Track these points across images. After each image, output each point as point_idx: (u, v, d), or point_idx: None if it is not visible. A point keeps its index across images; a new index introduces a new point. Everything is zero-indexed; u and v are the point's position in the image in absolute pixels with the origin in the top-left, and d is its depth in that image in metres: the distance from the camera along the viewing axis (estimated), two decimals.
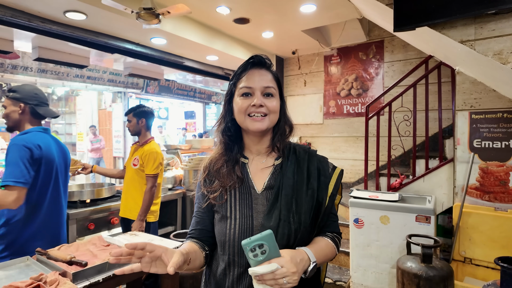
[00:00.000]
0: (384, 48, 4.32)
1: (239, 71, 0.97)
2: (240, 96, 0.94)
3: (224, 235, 0.92)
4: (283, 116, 1.00)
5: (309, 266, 0.84)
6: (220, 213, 0.95)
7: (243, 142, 1.02)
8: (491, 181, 2.66)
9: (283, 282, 0.76)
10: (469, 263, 2.68)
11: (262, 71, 0.96)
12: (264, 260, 0.77)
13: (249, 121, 0.93)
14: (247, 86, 0.93)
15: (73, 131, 10.06)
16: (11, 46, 3.22)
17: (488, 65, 2.03)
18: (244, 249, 0.76)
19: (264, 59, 0.97)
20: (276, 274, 0.75)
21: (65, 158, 1.92)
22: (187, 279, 2.24)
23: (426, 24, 1.96)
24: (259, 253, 0.76)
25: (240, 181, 0.96)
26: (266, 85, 0.94)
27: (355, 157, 4.56)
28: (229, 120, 0.99)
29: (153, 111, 2.76)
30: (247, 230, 0.90)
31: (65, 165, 1.92)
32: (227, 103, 1.00)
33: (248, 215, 0.92)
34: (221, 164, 0.99)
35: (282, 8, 3.26)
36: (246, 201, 0.94)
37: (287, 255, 0.79)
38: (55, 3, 2.55)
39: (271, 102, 0.94)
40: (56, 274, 1.34)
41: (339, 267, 3.28)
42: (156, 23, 2.64)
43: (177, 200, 3.48)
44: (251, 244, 0.76)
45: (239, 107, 0.94)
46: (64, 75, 6.00)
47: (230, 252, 0.91)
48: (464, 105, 2.78)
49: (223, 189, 0.96)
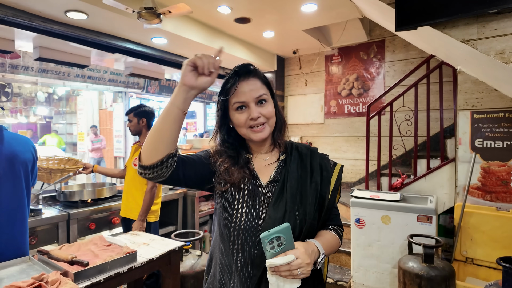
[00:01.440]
0: (385, 48, 4.31)
1: (228, 86, 0.95)
2: (235, 110, 0.95)
3: (230, 224, 0.94)
4: (278, 113, 1.02)
5: (319, 257, 0.88)
6: (226, 199, 0.97)
7: (245, 143, 1.05)
8: (492, 181, 2.65)
9: (297, 273, 0.79)
10: (470, 263, 2.68)
11: (250, 80, 0.95)
12: (280, 252, 0.80)
13: (251, 133, 0.96)
14: (240, 101, 0.94)
15: (73, 131, 10.07)
16: (12, 46, 3.22)
17: (490, 65, 2.02)
18: (262, 242, 0.79)
19: (249, 67, 0.97)
20: (292, 266, 0.79)
21: (10, 157, 1.50)
22: (188, 279, 2.24)
23: (428, 24, 1.95)
24: (276, 245, 0.79)
25: (248, 175, 0.99)
26: (258, 95, 0.94)
27: (356, 157, 4.56)
28: (226, 132, 1.01)
29: (154, 111, 2.76)
30: (253, 220, 0.93)
31: (9, 164, 1.50)
32: (222, 116, 0.99)
33: (254, 205, 0.94)
34: (228, 164, 1.00)
35: (283, 8, 3.26)
36: (252, 192, 0.97)
37: (301, 247, 0.83)
38: (56, 2, 2.55)
39: (266, 108, 0.95)
40: (57, 274, 1.34)
41: (340, 267, 3.28)
42: (157, 23, 2.63)
43: (178, 200, 3.48)
44: (270, 236, 0.79)
45: (239, 122, 0.96)
46: (65, 75, 5.99)
47: (235, 241, 0.93)
48: (465, 104, 2.77)
49: (232, 183, 0.98)
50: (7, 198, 1.49)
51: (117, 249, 1.68)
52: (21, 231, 1.55)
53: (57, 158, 2.85)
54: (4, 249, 1.49)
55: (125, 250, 1.60)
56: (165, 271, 1.82)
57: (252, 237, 0.91)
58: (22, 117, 8.86)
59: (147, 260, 1.66)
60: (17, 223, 1.53)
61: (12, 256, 1.50)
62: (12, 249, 1.51)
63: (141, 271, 1.64)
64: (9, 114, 8.48)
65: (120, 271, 1.51)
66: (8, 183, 1.49)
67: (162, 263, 1.77)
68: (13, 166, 1.51)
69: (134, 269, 1.59)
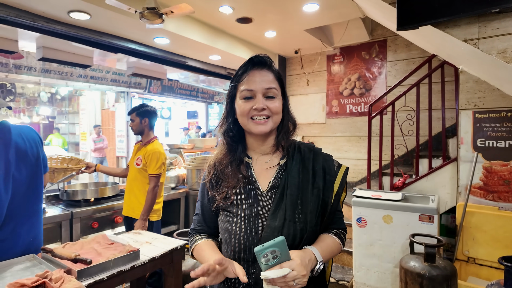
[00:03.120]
0: (387, 47, 4.31)
1: (239, 72, 0.95)
2: (242, 99, 0.93)
3: (230, 233, 0.92)
4: (287, 115, 0.99)
5: (316, 265, 0.85)
6: (225, 210, 0.96)
7: (246, 142, 1.02)
8: (495, 181, 2.65)
9: (293, 284, 0.77)
10: (472, 262, 2.67)
11: (263, 71, 0.94)
12: (275, 264, 0.78)
13: (252, 124, 0.92)
14: (248, 89, 0.92)
15: (76, 131, 10.12)
16: (15, 46, 3.25)
17: (492, 64, 2.02)
18: (257, 256, 0.78)
19: (265, 58, 0.95)
20: (287, 278, 0.76)
21: (21, 153, 1.55)
22: (190, 278, 2.25)
23: (430, 23, 1.95)
24: (271, 258, 0.77)
25: (246, 181, 0.96)
26: (268, 86, 0.92)
27: (358, 157, 4.55)
28: (231, 121, 0.99)
29: (156, 111, 2.77)
30: (253, 229, 0.90)
31: (18, 160, 1.53)
32: (229, 104, 0.99)
33: (253, 214, 0.92)
34: (225, 164, 0.99)
35: (285, 8, 3.26)
36: (252, 200, 0.94)
37: (297, 258, 0.80)
38: (60, 3, 2.57)
39: (274, 103, 0.92)
40: (61, 271, 1.35)
41: (342, 266, 3.28)
42: (159, 23, 2.64)
43: (180, 199, 3.49)
44: (264, 251, 0.77)
45: (242, 110, 0.93)
46: (68, 75, 6.03)
47: (236, 249, 0.91)
48: (467, 104, 2.77)
49: (229, 189, 0.96)
50: (38, 192, 1.62)
51: (119, 247, 1.69)
52: (40, 221, 1.69)
53: (60, 157, 2.86)
54: (34, 237, 1.61)
55: (128, 249, 1.62)
56: (167, 269, 1.84)
57: (253, 250, 0.90)
58: (25, 117, 8.92)
59: (150, 259, 1.67)
60: (40, 213, 1.68)
61: (36, 245, 1.62)
62: (39, 240, 1.65)
63: (143, 269, 1.65)
64: (12, 114, 8.53)
65: (122, 269, 1.52)
66: (35, 175, 1.61)
67: (164, 261, 1.78)
68: (36, 160, 1.63)
69: (137, 268, 1.60)
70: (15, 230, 1.51)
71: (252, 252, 0.88)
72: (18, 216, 1.52)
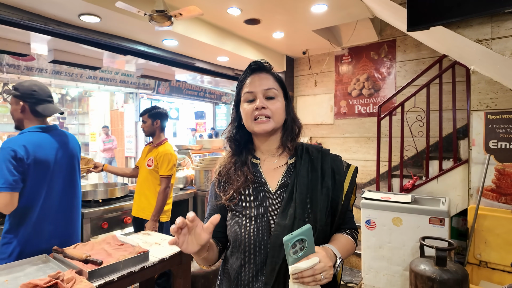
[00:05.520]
0: (396, 48, 4.27)
1: (241, 78, 1.02)
2: (246, 102, 0.99)
3: (240, 233, 0.93)
4: (289, 116, 1.02)
5: (336, 261, 0.86)
6: (234, 211, 0.97)
7: (254, 145, 1.05)
8: (507, 183, 2.60)
9: (320, 278, 0.76)
10: (484, 266, 2.63)
11: (262, 75, 1.00)
12: (303, 257, 0.77)
13: (254, 124, 0.97)
14: (249, 91, 0.97)
15: (86, 131, 10.25)
16: (28, 49, 3.30)
17: (505, 64, 1.98)
18: (285, 246, 0.76)
19: (263, 63, 1.01)
20: (316, 270, 0.76)
21: (70, 156, 1.80)
22: (199, 279, 2.26)
23: (441, 23, 1.93)
24: (298, 249, 0.77)
25: (253, 181, 0.98)
26: (267, 87, 0.97)
27: (367, 158, 4.52)
28: (237, 126, 1.04)
29: (167, 113, 2.79)
30: (262, 228, 0.91)
31: (70, 163, 1.79)
32: (235, 109, 1.05)
33: (263, 213, 0.93)
34: (232, 166, 1.02)
35: (293, 9, 3.26)
36: (261, 200, 0.95)
37: (321, 250, 0.81)
38: (71, 6, 2.60)
39: (274, 104, 0.97)
40: (72, 272, 1.37)
41: (351, 268, 3.26)
42: (168, 25, 2.66)
43: (188, 200, 3.51)
44: (293, 239, 0.76)
45: (246, 113, 0.98)
46: (78, 77, 6.12)
47: (246, 250, 0.92)
48: (479, 105, 2.72)
49: (236, 190, 0.97)
50: (61, 192, 1.76)
51: (129, 248, 1.71)
52: (79, 216, 1.90)
53: None
54: (74, 231, 1.84)
55: (138, 250, 1.63)
56: (176, 270, 1.85)
57: (263, 250, 0.89)
58: None
59: (159, 260, 1.68)
60: (78, 209, 1.90)
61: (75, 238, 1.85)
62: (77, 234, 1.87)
63: (153, 270, 1.66)
64: None
65: (132, 270, 1.54)
66: (65, 177, 1.78)
67: (173, 262, 1.79)
68: (72, 164, 1.83)
69: (146, 269, 1.61)
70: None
71: (262, 253, 0.89)
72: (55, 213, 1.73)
